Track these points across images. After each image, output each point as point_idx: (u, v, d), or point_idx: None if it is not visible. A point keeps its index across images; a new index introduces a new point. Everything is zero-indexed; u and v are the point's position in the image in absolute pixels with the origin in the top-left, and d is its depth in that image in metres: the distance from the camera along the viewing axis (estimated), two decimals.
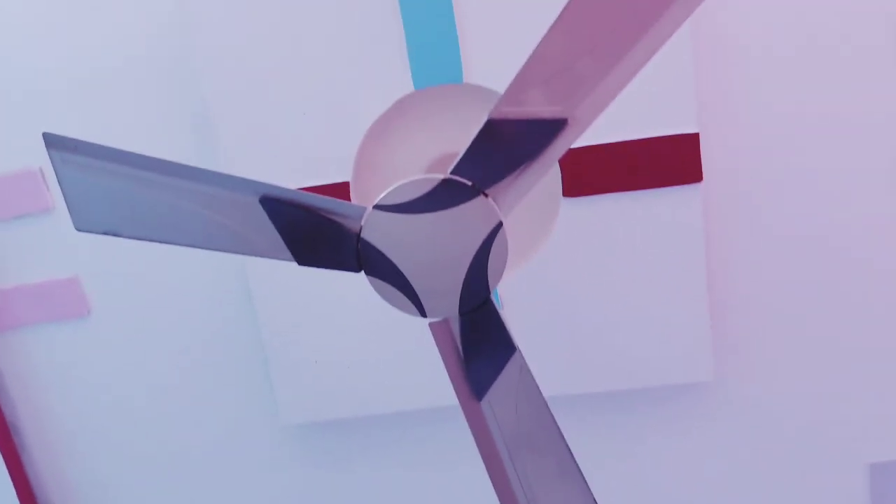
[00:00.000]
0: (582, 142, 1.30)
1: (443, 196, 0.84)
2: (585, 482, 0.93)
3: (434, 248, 0.86)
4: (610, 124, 1.29)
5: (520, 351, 0.89)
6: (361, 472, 1.58)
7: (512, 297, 1.37)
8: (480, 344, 0.88)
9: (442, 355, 0.90)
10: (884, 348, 1.41)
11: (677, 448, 1.51)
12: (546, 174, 0.88)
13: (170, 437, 1.61)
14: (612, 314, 1.36)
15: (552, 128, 0.84)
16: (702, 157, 1.33)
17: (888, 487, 1.48)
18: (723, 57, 1.31)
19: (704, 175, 1.32)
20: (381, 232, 0.86)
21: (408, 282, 0.87)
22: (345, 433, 1.55)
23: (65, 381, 1.60)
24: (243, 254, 0.91)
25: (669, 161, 1.30)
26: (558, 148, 0.85)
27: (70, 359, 1.58)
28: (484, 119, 0.83)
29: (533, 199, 1.35)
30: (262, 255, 0.90)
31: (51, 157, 0.88)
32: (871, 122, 1.31)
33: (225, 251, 0.91)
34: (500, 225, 0.85)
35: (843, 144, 1.32)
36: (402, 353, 1.41)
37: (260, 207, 0.87)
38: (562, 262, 1.35)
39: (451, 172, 0.84)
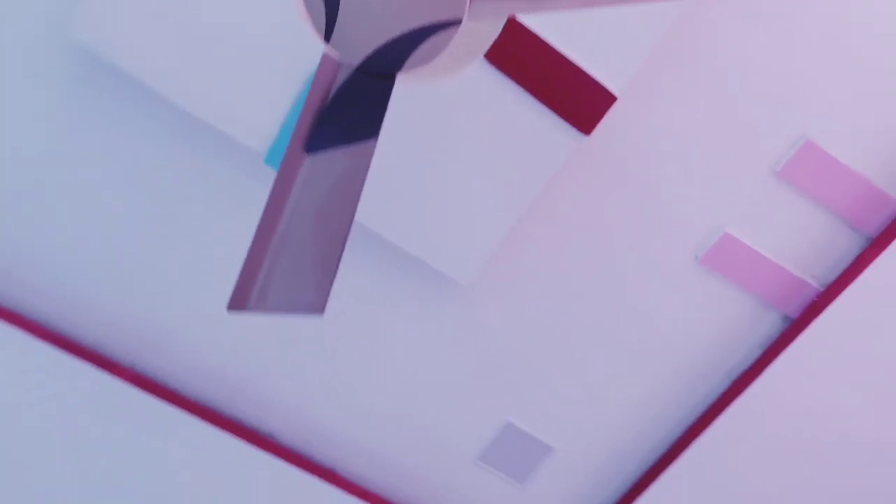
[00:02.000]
0: (534, 26, 1.24)
1: None
2: (330, 283, 0.92)
3: None
4: (567, 30, 1.25)
5: (376, 143, 0.84)
6: (131, 138, 1.41)
7: None
8: (351, 107, 0.81)
9: (311, 91, 0.81)
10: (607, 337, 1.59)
11: (405, 321, 1.56)
12: (525, 13, 0.82)
13: None
14: (437, 179, 1.35)
15: None
16: (603, 118, 1.35)
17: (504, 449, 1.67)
18: (691, 62, 1.33)
19: (594, 134, 1.35)
20: None
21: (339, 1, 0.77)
22: (136, 95, 1.37)
23: None
24: None
25: (580, 99, 1.30)
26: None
27: None
28: None
29: (467, 37, 1.27)
30: None
31: None
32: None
33: None
34: (458, 22, 0.78)
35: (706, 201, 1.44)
36: (254, 70, 1.27)
37: None
38: (431, 113, 1.30)
39: None
